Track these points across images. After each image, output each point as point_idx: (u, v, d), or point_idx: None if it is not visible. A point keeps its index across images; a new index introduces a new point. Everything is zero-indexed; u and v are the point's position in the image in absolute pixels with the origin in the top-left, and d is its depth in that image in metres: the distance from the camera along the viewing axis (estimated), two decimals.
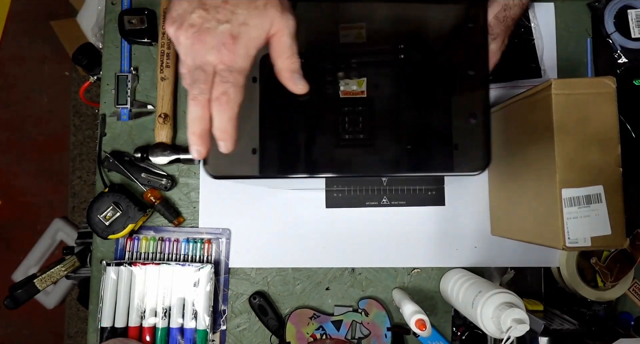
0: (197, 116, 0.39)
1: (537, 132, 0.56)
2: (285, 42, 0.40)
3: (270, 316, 0.70)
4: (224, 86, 0.38)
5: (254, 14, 0.38)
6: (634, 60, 0.72)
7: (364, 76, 0.45)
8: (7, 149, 1.68)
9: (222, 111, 0.39)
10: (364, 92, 0.45)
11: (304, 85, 0.41)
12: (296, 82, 0.40)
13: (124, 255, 0.71)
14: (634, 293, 0.70)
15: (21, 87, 1.70)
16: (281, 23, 0.39)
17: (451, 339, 0.70)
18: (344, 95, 0.45)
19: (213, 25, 0.38)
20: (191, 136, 0.40)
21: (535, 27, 0.72)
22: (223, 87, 0.38)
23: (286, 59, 0.40)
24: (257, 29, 0.38)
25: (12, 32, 1.71)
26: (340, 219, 0.72)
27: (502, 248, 0.71)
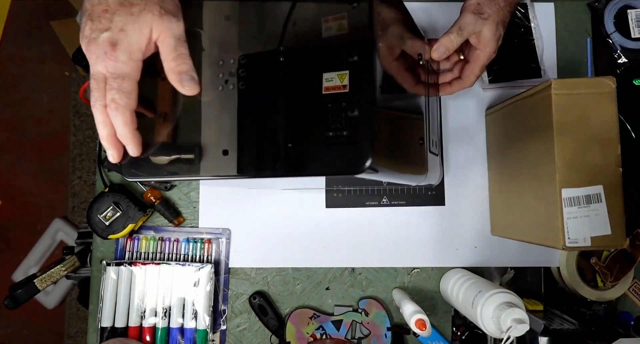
0: (99, 121, 0.41)
1: (537, 132, 0.56)
2: (168, 45, 0.40)
3: (270, 316, 0.70)
4: (110, 93, 0.40)
5: (130, 19, 0.39)
6: (634, 60, 0.72)
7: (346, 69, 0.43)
8: (7, 149, 1.68)
9: (115, 117, 0.40)
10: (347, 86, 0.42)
11: (193, 86, 0.41)
12: (183, 84, 0.41)
13: (124, 255, 0.71)
14: (634, 293, 0.70)
15: (21, 87, 1.70)
16: (162, 26, 0.40)
17: (451, 339, 0.70)
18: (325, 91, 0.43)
19: (96, 35, 0.39)
20: (102, 141, 0.43)
21: (535, 27, 0.72)
22: (110, 94, 0.40)
23: (171, 61, 0.40)
24: (135, 34, 0.39)
25: (12, 32, 1.71)
26: (340, 219, 0.72)
27: (502, 248, 0.71)
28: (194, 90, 0.41)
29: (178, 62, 0.40)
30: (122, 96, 0.39)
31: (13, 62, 1.71)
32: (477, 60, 0.58)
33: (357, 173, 0.39)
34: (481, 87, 0.73)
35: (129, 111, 0.40)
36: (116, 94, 0.39)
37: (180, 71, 0.40)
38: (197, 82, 0.41)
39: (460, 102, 0.74)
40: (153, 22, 0.39)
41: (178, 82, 0.41)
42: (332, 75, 0.43)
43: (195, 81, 0.41)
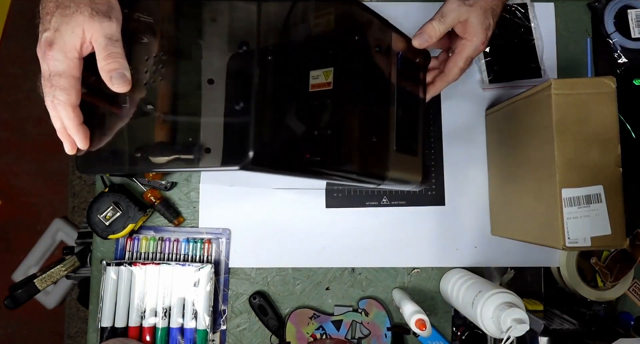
0: (52, 116, 0.44)
1: (537, 132, 0.56)
2: (100, 44, 0.42)
3: (270, 316, 0.70)
4: (52, 90, 0.42)
5: (64, 21, 0.41)
6: (634, 60, 0.72)
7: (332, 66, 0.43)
8: (7, 149, 1.68)
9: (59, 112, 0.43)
10: (331, 83, 0.43)
11: (122, 84, 0.42)
12: (112, 81, 0.42)
13: (124, 255, 0.71)
14: (634, 293, 0.70)
15: (21, 87, 1.70)
16: (93, 27, 0.41)
17: (451, 339, 0.70)
18: (312, 89, 0.43)
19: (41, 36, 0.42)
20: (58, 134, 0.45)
21: (535, 27, 0.72)
22: (52, 91, 0.42)
23: (102, 60, 0.42)
24: (67, 34, 0.41)
25: (12, 32, 1.71)
26: (340, 219, 0.72)
27: (502, 248, 0.71)
28: (123, 87, 0.42)
29: (108, 61, 0.42)
30: (60, 92, 0.42)
31: (13, 62, 1.71)
32: (462, 50, 0.55)
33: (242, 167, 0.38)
34: (481, 87, 0.73)
35: (70, 107, 0.43)
36: (55, 90, 0.42)
37: (110, 69, 0.42)
38: (127, 79, 0.42)
39: (460, 102, 0.74)
40: (84, 23, 0.41)
41: (108, 79, 0.42)
42: (318, 72, 0.43)
43: (125, 79, 0.42)
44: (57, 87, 0.42)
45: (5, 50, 1.71)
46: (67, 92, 0.42)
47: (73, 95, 0.42)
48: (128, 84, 0.42)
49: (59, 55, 0.41)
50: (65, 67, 0.42)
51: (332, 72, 0.43)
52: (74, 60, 0.42)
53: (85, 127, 0.45)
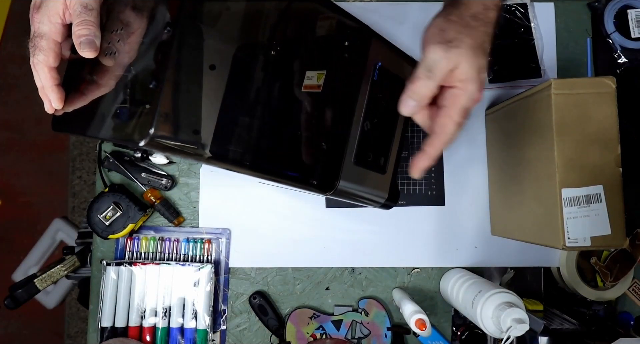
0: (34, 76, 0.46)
1: (537, 132, 0.56)
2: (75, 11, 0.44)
3: (270, 315, 0.70)
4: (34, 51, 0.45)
5: None
6: (634, 60, 0.72)
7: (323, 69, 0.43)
8: (7, 149, 1.68)
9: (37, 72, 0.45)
10: (321, 86, 0.42)
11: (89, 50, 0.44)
12: (81, 47, 0.44)
13: (124, 255, 0.71)
14: (634, 293, 0.70)
15: (21, 87, 1.70)
16: None
17: (451, 339, 0.70)
18: (304, 89, 0.43)
19: (32, 3, 0.45)
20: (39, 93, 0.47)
21: (535, 27, 0.72)
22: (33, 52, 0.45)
23: (75, 26, 0.44)
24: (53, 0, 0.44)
25: (12, 32, 1.71)
26: (340, 219, 0.72)
27: (502, 248, 0.71)
28: (89, 53, 0.44)
29: (80, 27, 0.44)
30: (40, 52, 0.44)
31: (13, 62, 1.71)
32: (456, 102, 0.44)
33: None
34: None
35: (46, 67, 0.45)
36: (36, 50, 0.44)
37: (80, 35, 0.43)
38: (94, 46, 0.44)
39: None
40: None
41: (77, 44, 0.44)
42: (313, 73, 0.44)
43: (92, 45, 0.44)
44: (38, 47, 0.44)
45: (5, 50, 1.71)
46: (46, 53, 0.44)
47: (51, 57, 0.45)
48: (95, 50, 0.44)
49: (43, 18, 0.44)
50: (47, 30, 0.44)
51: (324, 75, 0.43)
52: (56, 25, 0.44)
53: (61, 88, 0.47)
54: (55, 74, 0.46)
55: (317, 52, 0.47)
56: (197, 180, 0.73)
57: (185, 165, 0.73)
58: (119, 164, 0.70)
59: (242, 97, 0.43)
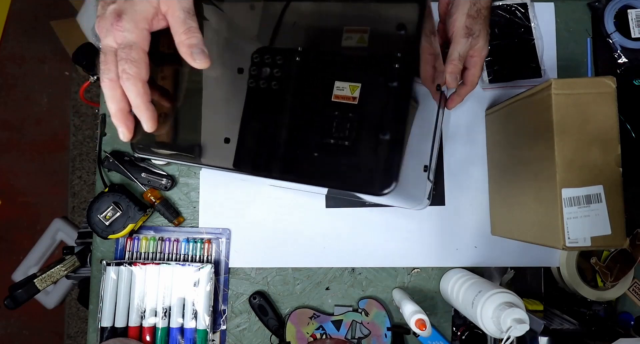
0: (108, 96, 0.41)
1: (537, 132, 0.56)
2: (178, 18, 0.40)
3: (270, 316, 0.70)
4: (121, 64, 0.39)
5: None
6: (634, 60, 0.72)
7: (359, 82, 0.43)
8: (7, 149, 1.68)
9: (126, 88, 0.40)
10: (356, 98, 0.43)
11: (204, 60, 0.41)
12: (195, 57, 0.40)
13: (124, 255, 0.71)
14: (634, 293, 0.70)
15: (21, 87, 1.70)
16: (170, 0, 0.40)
17: (451, 339, 0.70)
18: (335, 99, 0.43)
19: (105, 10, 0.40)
20: (112, 118, 0.42)
21: (535, 27, 0.72)
22: (120, 64, 0.39)
23: (182, 34, 0.40)
24: (141, 3, 0.39)
25: (12, 32, 1.71)
26: (340, 219, 0.72)
27: (502, 248, 0.71)
28: (204, 63, 0.41)
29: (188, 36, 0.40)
30: (131, 65, 0.39)
31: (13, 62, 1.71)
32: (476, 65, 0.60)
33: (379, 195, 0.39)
34: (481, 87, 0.73)
35: (140, 81, 0.40)
36: (125, 64, 0.39)
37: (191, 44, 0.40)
38: (207, 55, 0.41)
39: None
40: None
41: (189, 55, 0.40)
42: (344, 84, 0.43)
43: (205, 55, 0.41)
44: (127, 59, 0.39)
45: (5, 50, 1.71)
46: (138, 65, 0.39)
47: (143, 69, 0.40)
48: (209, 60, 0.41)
49: (129, 25, 0.39)
50: (135, 38, 0.39)
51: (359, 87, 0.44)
52: (143, 32, 0.40)
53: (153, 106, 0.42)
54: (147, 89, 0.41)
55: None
56: (197, 180, 0.73)
57: (185, 165, 0.73)
58: (119, 164, 0.70)
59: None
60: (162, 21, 0.41)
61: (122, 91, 0.41)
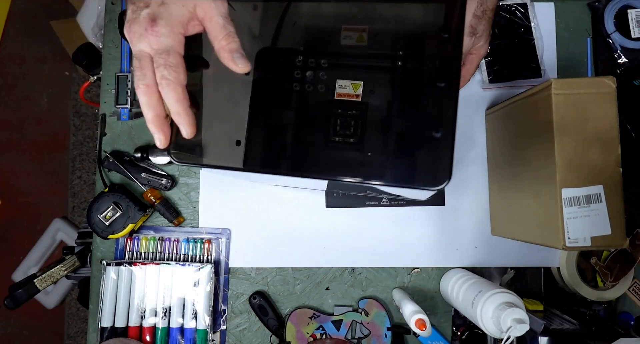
0: (144, 103, 0.40)
1: (537, 132, 0.56)
2: (217, 23, 0.40)
3: (270, 316, 0.70)
4: (160, 70, 0.39)
5: None
6: (634, 60, 0.72)
7: (361, 80, 0.45)
8: (7, 149, 1.68)
9: (166, 94, 0.39)
10: (359, 96, 0.45)
11: (245, 64, 0.41)
12: (236, 61, 0.40)
13: (124, 255, 0.71)
14: (634, 293, 0.70)
15: (21, 87, 1.70)
16: (206, 3, 0.39)
17: (451, 339, 0.70)
18: (338, 97, 0.45)
19: (138, 14, 0.39)
20: (148, 125, 0.41)
21: (535, 27, 0.72)
22: (159, 71, 0.39)
23: (222, 40, 0.40)
24: (176, 7, 0.39)
25: (12, 32, 1.71)
26: (340, 219, 0.72)
27: (502, 248, 0.71)
28: (246, 67, 0.40)
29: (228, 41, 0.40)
30: (170, 70, 0.39)
31: (13, 62, 1.71)
32: (473, 62, 0.59)
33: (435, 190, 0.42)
34: (481, 87, 0.73)
35: (180, 86, 0.39)
36: (165, 69, 0.39)
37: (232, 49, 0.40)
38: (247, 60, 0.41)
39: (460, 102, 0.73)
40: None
41: (231, 60, 0.40)
42: (346, 83, 0.44)
43: (246, 59, 0.40)
44: (166, 65, 0.38)
45: (5, 50, 1.71)
46: (177, 70, 0.39)
47: (182, 74, 0.39)
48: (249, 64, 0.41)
49: (165, 30, 0.38)
50: (171, 42, 0.39)
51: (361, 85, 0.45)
52: (179, 36, 0.39)
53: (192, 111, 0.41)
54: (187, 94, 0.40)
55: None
56: (197, 180, 0.73)
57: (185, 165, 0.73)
58: (119, 164, 0.70)
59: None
60: (197, 26, 0.41)
61: (158, 97, 0.40)
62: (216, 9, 0.40)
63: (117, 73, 0.73)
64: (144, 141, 0.73)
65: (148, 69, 0.39)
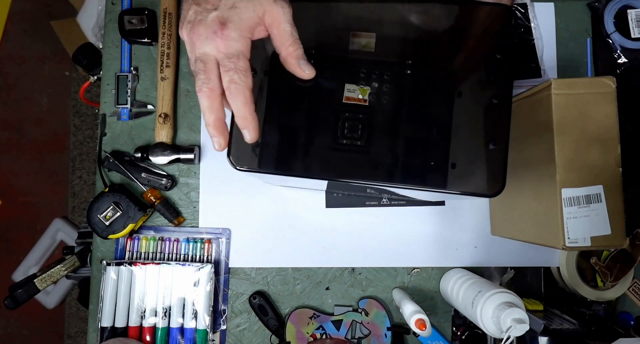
0: (206, 106, 0.40)
1: (537, 132, 0.56)
2: (285, 30, 0.40)
3: (270, 316, 0.70)
4: (228, 74, 0.39)
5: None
6: (634, 60, 0.72)
7: (369, 85, 0.46)
8: (7, 149, 1.68)
9: (234, 98, 0.39)
10: (367, 100, 0.46)
11: (311, 69, 0.41)
12: (303, 68, 0.41)
13: (124, 255, 0.71)
14: (634, 293, 0.70)
15: (21, 87, 1.70)
16: (275, 10, 0.39)
17: (451, 339, 0.70)
18: (346, 100, 0.46)
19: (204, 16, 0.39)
20: (207, 128, 0.41)
21: (535, 27, 0.72)
22: (228, 75, 0.39)
23: (289, 47, 0.40)
24: (247, 11, 0.38)
25: (12, 32, 1.71)
26: (340, 219, 0.72)
27: (502, 248, 0.71)
28: (312, 73, 0.41)
29: (295, 47, 0.40)
30: (240, 75, 0.39)
31: (13, 62, 1.71)
32: None
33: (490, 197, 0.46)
34: None
35: (248, 90, 0.40)
36: (234, 74, 0.39)
37: (298, 56, 0.40)
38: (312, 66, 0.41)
39: None
40: (267, 5, 0.39)
41: (297, 66, 0.41)
42: (354, 87, 0.46)
43: (311, 65, 0.41)
44: (237, 69, 0.38)
45: (5, 50, 1.71)
46: (246, 73, 0.39)
47: (250, 77, 0.39)
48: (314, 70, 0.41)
49: (235, 34, 0.38)
50: (241, 47, 0.39)
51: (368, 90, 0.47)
52: (247, 40, 0.39)
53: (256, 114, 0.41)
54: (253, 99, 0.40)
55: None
56: (197, 180, 0.73)
57: (185, 165, 0.73)
58: (119, 164, 0.70)
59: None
60: (263, 32, 0.41)
61: (221, 100, 0.40)
62: (284, 16, 0.40)
63: (117, 73, 0.73)
64: (144, 141, 0.73)
65: (213, 73, 0.39)
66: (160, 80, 0.71)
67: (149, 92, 0.74)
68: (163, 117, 0.71)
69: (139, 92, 0.74)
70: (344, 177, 0.46)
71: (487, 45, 0.48)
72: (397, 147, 0.46)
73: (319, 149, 0.46)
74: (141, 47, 0.74)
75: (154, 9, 0.74)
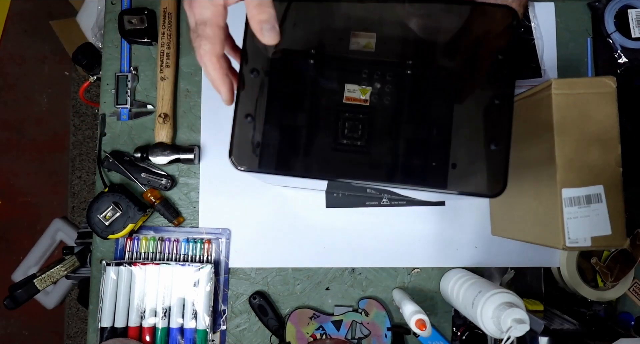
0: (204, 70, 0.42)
1: (537, 132, 0.56)
2: None
3: (270, 316, 0.70)
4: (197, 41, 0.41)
5: None
6: (634, 60, 0.72)
7: (369, 86, 0.46)
8: (7, 149, 1.68)
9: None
10: (367, 100, 0.46)
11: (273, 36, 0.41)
12: (264, 33, 0.40)
13: (124, 255, 0.71)
14: (634, 293, 0.70)
15: (21, 87, 1.70)
16: None
17: (451, 339, 0.70)
18: (347, 100, 0.46)
19: None
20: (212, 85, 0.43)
21: (535, 27, 0.72)
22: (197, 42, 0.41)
23: (253, 9, 0.40)
24: None
25: (12, 32, 1.71)
26: (340, 219, 0.72)
27: (502, 248, 0.71)
28: (273, 40, 0.41)
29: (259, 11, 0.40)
30: (205, 42, 0.40)
31: (13, 62, 1.71)
32: None
33: (491, 197, 0.46)
34: None
35: (215, 57, 0.41)
36: (201, 40, 0.40)
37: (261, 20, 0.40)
38: (277, 32, 0.41)
39: None
40: None
41: (259, 31, 0.40)
42: (355, 87, 0.46)
43: (275, 31, 0.41)
44: (203, 36, 0.40)
45: (5, 50, 1.71)
46: (212, 41, 0.41)
47: (217, 45, 0.41)
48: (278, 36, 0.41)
49: (205, 2, 0.40)
50: (210, 14, 0.40)
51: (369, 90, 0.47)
52: (218, 7, 0.40)
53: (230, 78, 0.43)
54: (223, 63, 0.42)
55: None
56: (197, 180, 0.73)
57: (185, 165, 0.73)
58: (118, 164, 0.70)
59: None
60: None
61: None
62: None
63: (117, 73, 0.73)
64: (144, 141, 0.73)
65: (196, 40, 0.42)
66: (160, 80, 0.71)
67: (148, 92, 0.74)
68: (163, 117, 0.71)
69: (139, 92, 0.74)
70: (344, 177, 0.46)
71: (490, 46, 0.47)
72: (397, 147, 0.46)
73: (320, 149, 0.46)
74: (141, 47, 0.74)
75: (154, 8, 0.74)
